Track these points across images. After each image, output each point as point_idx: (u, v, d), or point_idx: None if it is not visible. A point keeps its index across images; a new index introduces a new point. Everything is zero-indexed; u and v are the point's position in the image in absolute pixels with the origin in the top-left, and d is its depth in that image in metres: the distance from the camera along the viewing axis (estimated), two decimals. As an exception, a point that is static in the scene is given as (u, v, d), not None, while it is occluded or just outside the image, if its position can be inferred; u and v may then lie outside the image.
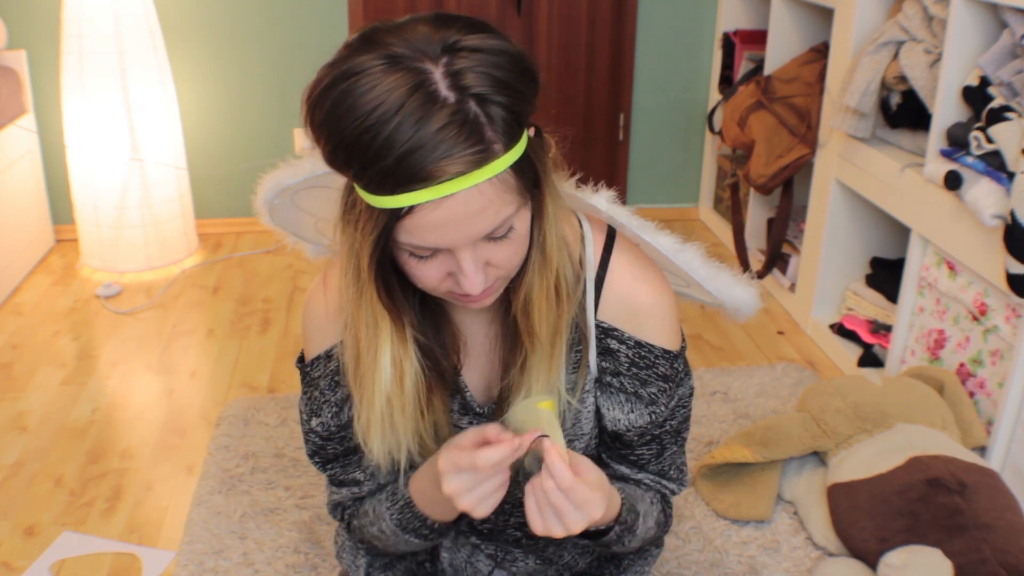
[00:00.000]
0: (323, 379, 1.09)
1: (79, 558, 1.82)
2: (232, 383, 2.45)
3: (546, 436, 0.95)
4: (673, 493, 1.21)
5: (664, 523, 1.21)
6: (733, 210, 3.11)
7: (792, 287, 2.89)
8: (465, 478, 0.95)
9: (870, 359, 2.45)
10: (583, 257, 1.04)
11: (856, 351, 2.52)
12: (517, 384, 1.02)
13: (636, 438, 1.11)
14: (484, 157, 0.80)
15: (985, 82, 1.96)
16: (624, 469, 1.15)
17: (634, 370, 1.07)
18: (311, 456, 1.16)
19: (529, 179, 0.88)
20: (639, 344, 1.06)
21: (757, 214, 3.12)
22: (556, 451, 0.93)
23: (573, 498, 0.93)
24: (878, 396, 1.94)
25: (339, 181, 1.00)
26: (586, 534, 1.08)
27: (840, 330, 2.61)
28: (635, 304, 1.05)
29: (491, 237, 0.87)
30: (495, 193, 0.83)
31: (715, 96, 3.43)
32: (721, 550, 1.82)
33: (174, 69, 3.22)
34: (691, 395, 1.13)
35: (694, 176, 3.68)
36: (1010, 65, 1.90)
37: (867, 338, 2.50)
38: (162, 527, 1.90)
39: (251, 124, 3.36)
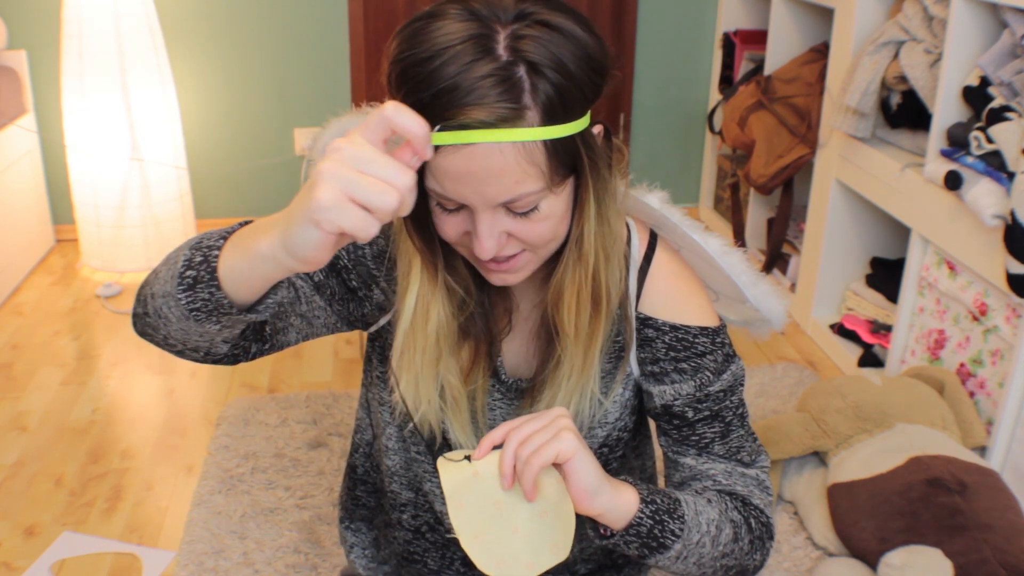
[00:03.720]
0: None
1: (79, 558, 1.82)
2: (232, 383, 2.45)
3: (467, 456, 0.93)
4: (758, 483, 1.09)
5: (752, 531, 1.05)
6: (733, 210, 3.12)
7: (792, 287, 2.89)
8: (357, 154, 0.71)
9: (870, 359, 2.45)
10: (628, 254, 1.05)
11: (856, 351, 2.52)
12: (551, 380, 1.03)
13: (691, 412, 1.07)
14: (512, 117, 0.81)
15: (985, 82, 1.96)
16: (690, 460, 1.09)
17: (672, 354, 1.06)
18: None
19: (565, 166, 0.87)
20: (675, 328, 1.06)
21: (757, 214, 3.12)
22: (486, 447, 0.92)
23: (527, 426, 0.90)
24: (878, 396, 1.94)
25: None
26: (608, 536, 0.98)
27: (840, 330, 2.61)
28: (671, 292, 1.07)
29: (512, 211, 0.88)
30: (516, 161, 0.83)
31: (715, 96, 3.43)
32: (721, 550, 1.82)
33: (174, 69, 3.21)
34: (744, 375, 1.11)
35: (694, 176, 3.68)
36: (1010, 65, 1.90)
37: (867, 338, 2.50)
38: (162, 527, 1.90)
39: (251, 124, 3.36)
